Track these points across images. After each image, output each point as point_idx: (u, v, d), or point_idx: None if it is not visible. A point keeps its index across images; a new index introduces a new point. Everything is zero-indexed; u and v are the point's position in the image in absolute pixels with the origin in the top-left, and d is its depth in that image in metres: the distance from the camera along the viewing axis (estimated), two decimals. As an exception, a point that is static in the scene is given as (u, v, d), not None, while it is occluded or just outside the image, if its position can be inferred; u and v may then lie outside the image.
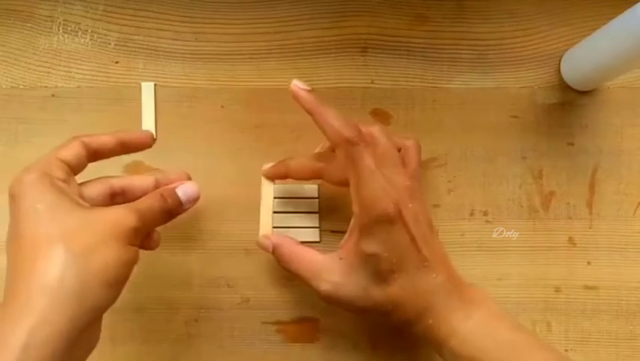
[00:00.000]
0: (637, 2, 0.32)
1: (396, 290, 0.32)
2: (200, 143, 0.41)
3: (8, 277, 0.27)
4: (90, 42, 0.41)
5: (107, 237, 0.28)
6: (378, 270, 0.32)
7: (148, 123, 0.40)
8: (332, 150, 0.36)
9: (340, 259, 0.34)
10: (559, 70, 0.41)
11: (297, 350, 0.39)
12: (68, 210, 0.28)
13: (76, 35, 0.41)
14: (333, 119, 0.32)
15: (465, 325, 0.31)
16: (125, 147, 0.33)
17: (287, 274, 0.39)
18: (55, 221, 0.27)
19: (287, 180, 0.38)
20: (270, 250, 0.36)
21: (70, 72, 0.41)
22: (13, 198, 0.28)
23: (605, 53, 0.36)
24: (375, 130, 0.35)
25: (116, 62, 0.41)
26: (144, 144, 0.34)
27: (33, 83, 0.41)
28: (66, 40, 0.41)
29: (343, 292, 0.33)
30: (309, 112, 0.32)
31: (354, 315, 0.39)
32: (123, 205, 0.30)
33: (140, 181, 0.34)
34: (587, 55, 0.39)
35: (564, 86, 0.41)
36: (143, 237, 0.31)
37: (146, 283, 0.39)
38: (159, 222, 0.32)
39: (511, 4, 0.42)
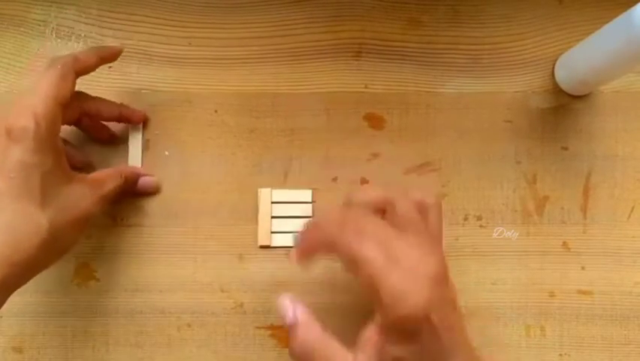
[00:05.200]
0: (631, 6, 0.32)
1: None
2: (193, 147, 0.41)
3: None
4: (84, 47, 0.41)
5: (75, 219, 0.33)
6: None
7: (134, 159, 0.40)
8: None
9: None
10: (553, 74, 0.41)
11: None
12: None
13: (70, 40, 0.41)
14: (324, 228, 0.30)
15: None
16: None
17: (281, 279, 0.39)
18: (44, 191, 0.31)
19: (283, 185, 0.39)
20: (289, 320, 0.30)
21: (64, 77, 0.41)
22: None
23: (600, 58, 0.36)
24: (395, 198, 0.31)
25: (110, 67, 0.41)
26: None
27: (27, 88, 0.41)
28: (59, 45, 0.41)
29: None
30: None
31: (349, 320, 0.39)
32: (91, 194, 0.34)
33: (107, 107, 0.38)
34: (581, 59, 0.39)
35: (558, 91, 0.41)
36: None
37: (140, 288, 0.39)
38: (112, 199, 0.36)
39: (506, 9, 0.42)
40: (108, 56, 0.36)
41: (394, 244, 0.28)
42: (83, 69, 0.34)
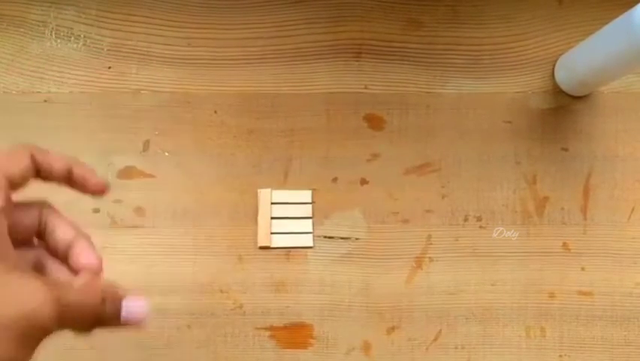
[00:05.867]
0: (631, 7, 0.32)
1: None
2: (193, 147, 0.41)
3: None
4: (83, 47, 0.41)
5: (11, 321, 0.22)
6: None
7: None
8: None
9: None
10: (553, 75, 0.41)
11: (290, 356, 0.39)
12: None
13: (69, 40, 0.41)
14: None
15: None
16: (71, 181, 0.27)
17: (280, 280, 0.39)
18: None
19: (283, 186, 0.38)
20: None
21: (63, 78, 0.41)
22: None
23: (600, 58, 0.36)
24: None
25: (109, 68, 0.41)
26: (94, 189, 0.27)
27: (26, 89, 0.41)
28: (59, 46, 0.41)
29: None
30: None
31: (349, 321, 0.39)
32: (45, 286, 0.23)
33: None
34: (581, 60, 0.39)
35: (558, 91, 0.41)
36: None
37: (139, 289, 0.39)
38: (81, 325, 0.25)
39: (506, 10, 0.42)
40: (82, 176, 0.26)
41: None
42: (43, 162, 0.25)
